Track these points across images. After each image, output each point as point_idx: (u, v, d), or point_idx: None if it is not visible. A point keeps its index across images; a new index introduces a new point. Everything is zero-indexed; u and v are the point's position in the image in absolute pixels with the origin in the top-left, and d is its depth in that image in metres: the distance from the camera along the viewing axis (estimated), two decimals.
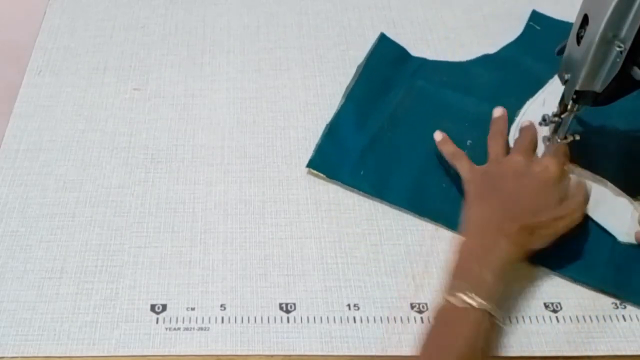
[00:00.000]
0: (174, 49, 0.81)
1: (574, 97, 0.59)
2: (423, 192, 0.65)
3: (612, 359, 0.55)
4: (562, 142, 0.63)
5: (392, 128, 0.70)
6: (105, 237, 0.64)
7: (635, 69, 0.55)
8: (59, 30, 0.84)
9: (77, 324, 0.58)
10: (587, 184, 0.62)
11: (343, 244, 0.63)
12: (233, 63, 0.79)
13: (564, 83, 0.60)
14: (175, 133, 0.72)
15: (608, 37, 0.55)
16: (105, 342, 0.57)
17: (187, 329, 0.57)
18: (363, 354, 0.55)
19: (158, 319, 0.58)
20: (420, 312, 0.58)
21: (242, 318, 0.58)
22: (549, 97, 0.70)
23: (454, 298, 0.53)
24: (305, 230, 0.64)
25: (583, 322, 0.57)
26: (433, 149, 0.67)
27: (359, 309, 0.58)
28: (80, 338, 0.57)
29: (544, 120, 0.67)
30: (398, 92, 0.74)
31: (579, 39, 0.57)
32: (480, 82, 0.75)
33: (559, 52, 0.61)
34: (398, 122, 0.71)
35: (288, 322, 0.58)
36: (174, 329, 0.57)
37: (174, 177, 0.68)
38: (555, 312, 0.58)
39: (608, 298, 0.59)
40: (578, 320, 0.57)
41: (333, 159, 0.68)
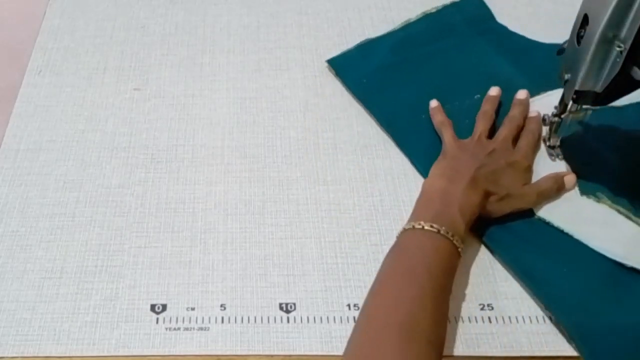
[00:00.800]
0: (174, 49, 0.81)
1: (574, 97, 0.59)
2: (403, 119, 0.71)
3: None
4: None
5: (418, 63, 0.76)
6: (105, 237, 0.64)
7: (635, 69, 0.55)
8: (59, 30, 0.84)
9: (77, 324, 0.58)
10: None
11: (343, 244, 0.63)
12: (233, 63, 0.80)
13: (564, 83, 0.61)
14: (175, 133, 0.72)
15: (608, 37, 0.55)
16: (105, 342, 0.57)
17: (187, 329, 0.57)
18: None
19: (158, 319, 0.58)
20: None
21: (242, 318, 0.58)
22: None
23: (419, 224, 0.56)
24: (305, 230, 0.64)
25: None
26: (433, 95, 0.72)
27: (359, 309, 0.58)
28: (80, 338, 0.57)
29: (544, 120, 0.67)
30: (452, 40, 0.78)
31: (579, 39, 0.57)
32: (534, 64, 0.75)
33: (559, 52, 0.61)
34: (429, 61, 0.76)
35: (288, 322, 0.58)
36: (174, 329, 0.57)
37: (174, 177, 0.68)
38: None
39: None
40: None
41: (350, 64, 0.76)
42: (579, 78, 0.58)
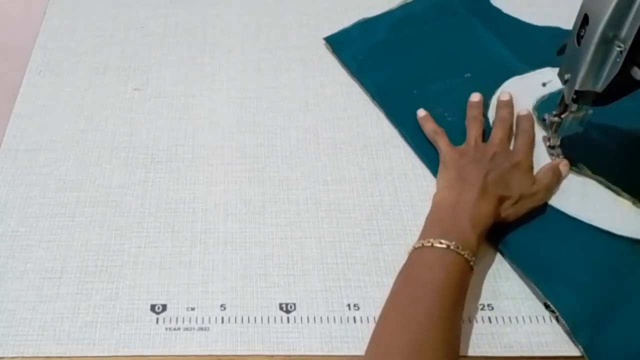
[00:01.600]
0: (174, 49, 0.81)
1: (574, 97, 0.59)
2: (395, 93, 0.73)
3: None
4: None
5: (413, 42, 0.78)
6: (105, 237, 0.64)
7: (635, 69, 0.55)
8: (59, 30, 0.84)
9: (77, 324, 0.58)
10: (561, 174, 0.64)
11: (343, 244, 0.63)
12: (233, 63, 0.80)
13: (564, 83, 0.61)
14: (175, 133, 0.72)
15: (608, 37, 0.55)
16: (105, 342, 0.57)
17: (187, 329, 0.57)
18: (363, 354, 0.55)
19: (158, 319, 0.58)
20: None
21: (242, 318, 0.58)
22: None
23: (428, 242, 0.55)
24: (305, 230, 0.64)
25: None
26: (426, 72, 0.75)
27: (359, 309, 0.58)
28: (80, 338, 0.57)
29: (544, 120, 0.67)
30: (447, 20, 0.81)
31: (579, 39, 0.57)
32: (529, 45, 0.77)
33: (559, 52, 0.61)
34: (424, 40, 0.78)
35: (288, 322, 0.58)
36: (174, 329, 0.57)
37: (174, 177, 0.68)
38: (555, 312, 0.58)
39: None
40: None
41: (347, 41, 0.79)
42: (579, 78, 0.58)
